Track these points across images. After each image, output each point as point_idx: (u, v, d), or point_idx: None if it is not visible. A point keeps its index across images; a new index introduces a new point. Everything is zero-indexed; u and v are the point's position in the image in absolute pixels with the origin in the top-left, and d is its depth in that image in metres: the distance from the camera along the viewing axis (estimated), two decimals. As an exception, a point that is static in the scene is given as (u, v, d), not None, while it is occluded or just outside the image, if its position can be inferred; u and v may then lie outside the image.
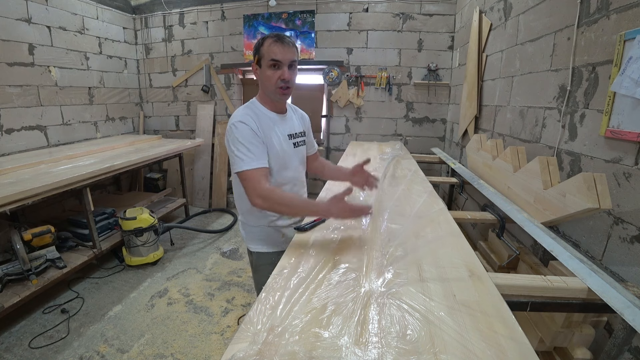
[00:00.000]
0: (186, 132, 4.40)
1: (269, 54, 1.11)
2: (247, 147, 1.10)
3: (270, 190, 1.08)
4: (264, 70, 1.15)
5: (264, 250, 1.31)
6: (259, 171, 1.10)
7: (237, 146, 1.11)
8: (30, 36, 2.96)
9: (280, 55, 1.11)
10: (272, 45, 1.11)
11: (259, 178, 1.09)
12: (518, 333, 0.69)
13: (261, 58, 1.14)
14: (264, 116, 1.20)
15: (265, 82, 1.16)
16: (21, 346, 1.90)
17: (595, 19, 1.38)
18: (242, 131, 1.12)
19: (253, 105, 1.23)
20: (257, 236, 1.32)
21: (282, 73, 1.13)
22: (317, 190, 3.87)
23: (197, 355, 1.85)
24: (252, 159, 1.10)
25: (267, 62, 1.13)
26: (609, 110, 1.26)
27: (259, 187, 1.07)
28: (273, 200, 1.07)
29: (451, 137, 3.53)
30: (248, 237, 1.34)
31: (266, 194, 1.07)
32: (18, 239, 2.07)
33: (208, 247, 3.17)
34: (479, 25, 2.63)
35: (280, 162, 1.21)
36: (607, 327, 1.22)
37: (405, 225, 1.25)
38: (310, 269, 0.93)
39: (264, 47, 1.13)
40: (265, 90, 1.20)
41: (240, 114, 1.16)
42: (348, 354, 0.63)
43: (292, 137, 1.28)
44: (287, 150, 1.24)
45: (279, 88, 1.15)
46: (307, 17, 3.73)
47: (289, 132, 1.27)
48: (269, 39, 1.13)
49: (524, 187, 1.58)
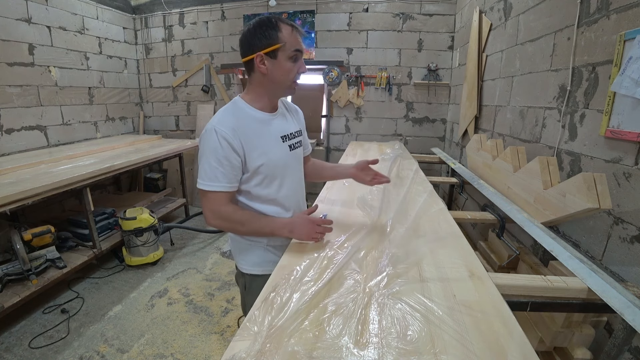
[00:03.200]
0: (186, 132, 4.40)
1: (292, 43, 0.95)
2: (214, 166, 0.96)
3: (230, 212, 1.01)
4: (280, 63, 0.96)
5: (259, 272, 1.14)
6: (222, 195, 0.99)
7: (205, 159, 0.98)
8: (30, 36, 2.96)
9: (302, 45, 0.98)
10: (294, 33, 0.96)
11: (220, 201, 1.00)
12: (518, 333, 0.69)
13: (279, 48, 0.94)
14: (250, 119, 1.02)
15: (281, 75, 0.98)
16: (21, 346, 1.90)
17: (595, 19, 1.38)
18: (215, 145, 0.96)
19: (236, 107, 1.04)
20: (251, 256, 1.15)
21: (301, 65, 1.00)
22: (317, 190, 3.88)
23: (197, 355, 1.85)
24: (216, 180, 0.97)
25: (289, 53, 0.96)
26: (609, 110, 1.26)
27: (220, 210, 1.00)
28: (234, 220, 1.02)
29: (451, 137, 3.53)
30: (240, 254, 1.17)
31: (227, 216, 1.01)
32: (18, 239, 2.07)
33: (208, 247, 3.17)
34: (479, 25, 2.63)
35: (273, 169, 1.05)
36: (607, 327, 1.22)
37: (406, 225, 1.25)
38: (310, 269, 0.93)
39: (283, 35, 0.94)
40: (273, 86, 1.02)
41: (220, 119, 0.99)
42: (348, 354, 0.63)
43: (287, 139, 1.10)
44: (282, 156, 1.07)
45: (294, 82, 1.02)
46: (307, 17, 3.73)
47: (283, 133, 1.09)
48: (284, 24, 0.95)
49: (524, 187, 1.58)
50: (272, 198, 1.10)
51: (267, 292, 0.82)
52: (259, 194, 1.08)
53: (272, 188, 1.09)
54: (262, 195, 1.08)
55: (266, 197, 1.09)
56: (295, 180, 1.17)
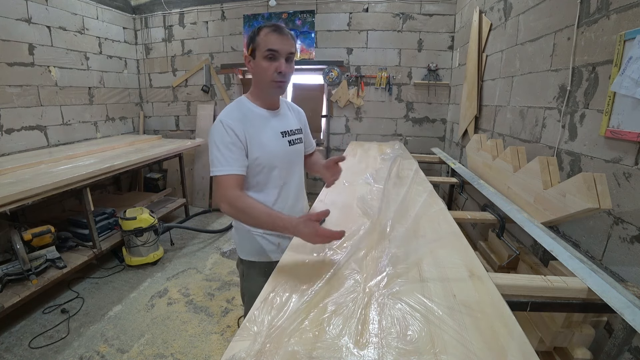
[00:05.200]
0: (186, 132, 4.40)
1: (266, 43, 1.03)
2: (223, 152, 1.04)
3: (237, 197, 1.02)
4: (258, 62, 1.06)
5: (256, 259, 1.24)
6: (231, 177, 1.04)
7: (214, 148, 1.06)
8: (30, 36, 2.96)
9: (277, 45, 1.03)
10: (269, 35, 1.03)
11: (229, 184, 1.03)
12: (518, 333, 0.69)
13: (256, 48, 1.05)
14: (253, 115, 1.13)
15: (260, 74, 1.07)
16: (21, 346, 1.90)
17: (595, 19, 1.38)
18: (221, 134, 1.05)
19: (240, 104, 1.15)
20: (249, 244, 1.24)
21: (278, 65, 1.04)
22: (317, 190, 3.88)
23: (197, 355, 1.85)
24: (227, 164, 1.04)
25: (263, 53, 1.03)
26: (609, 110, 1.26)
27: (227, 193, 1.02)
28: (237, 207, 1.01)
29: (451, 137, 3.53)
30: (241, 244, 1.27)
31: (232, 201, 1.01)
32: (18, 239, 2.07)
33: (208, 247, 3.17)
34: (479, 25, 2.63)
35: (272, 161, 1.14)
36: (607, 327, 1.22)
37: (406, 225, 1.25)
38: (310, 269, 0.93)
39: (259, 37, 1.03)
40: (259, 84, 1.12)
41: (226, 113, 1.10)
42: (348, 354, 0.63)
43: (287, 135, 1.19)
44: (280, 149, 1.16)
45: (274, 81, 1.07)
46: (307, 17, 3.73)
47: (283, 129, 1.19)
48: (265, 28, 1.04)
49: (524, 187, 1.58)
50: (272, 188, 1.18)
51: (267, 292, 0.82)
52: (259, 182, 1.16)
53: (272, 178, 1.17)
54: (262, 183, 1.16)
55: (266, 186, 1.17)
56: (295, 172, 1.25)
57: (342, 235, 0.90)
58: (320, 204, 1.49)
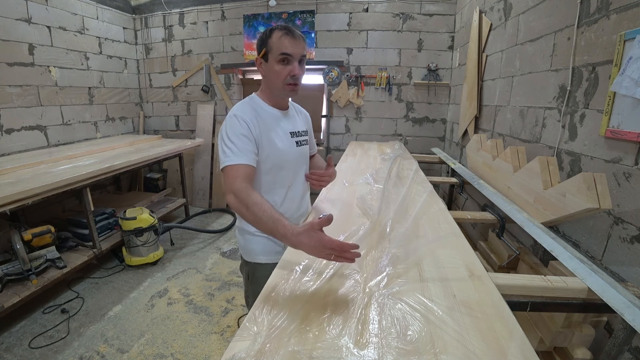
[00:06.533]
0: (186, 132, 4.40)
1: (279, 47, 1.03)
2: (235, 142, 1.03)
3: (243, 189, 0.95)
4: (271, 65, 1.07)
5: (263, 261, 1.22)
6: (240, 167, 1.01)
7: (225, 141, 1.05)
8: (30, 36, 2.96)
9: (291, 48, 1.03)
10: (282, 38, 1.03)
11: (238, 174, 0.99)
12: (518, 333, 0.69)
13: (269, 51, 1.05)
14: (265, 113, 1.15)
15: (273, 78, 1.08)
16: (21, 346, 1.90)
17: (595, 19, 1.38)
18: (234, 125, 1.06)
19: (252, 101, 1.16)
20: (255, 245, 1.22)
21: (292, 69, 1.06)
22: (317, 190, 3.87)
23: (197, 355, 1.85)
24: (236, 155, 1.02)
25: (276, 57, 1.04)
26: (609, 110, 1.26)
27: (234, 184, 0.97)
28: (242, 200, 0.93)
29: (451, 137, 3.53)
30: (246, 246, 1.24)
31: (238, 192, 0.95)
32: (18, 239, 2.07)
33: (208, 247, 3.17)
34: (479, 25, 2.63)
35: (281, 160, 1.16)
36: (607, 327, 1.22)
37: (406, 225, 1.25)
38: (310, 269, 0.93)
39: (272, 40, 1.04)
40: (271, 87, 1.13)
41: (239, 108, 1.11)
42: (348, 354, 0.63)
43: (295, 135, 1.22)
44: (289, 149, 1.18)
45: (288, 85, 1.08)
46: (307, 17, 3.73)
47: (292, 129, 1.21)
48: (277, 30, 1.04)
49: (524, 187, 1.58)
50: (279, 188, 1.19)
51: (267, 292, 0.82)
52: (267, 182, 1.17)
53: (280, 178, 1.18)
54: (270, 183, 1.17)
55: (274, 186, 1.18)
56: (301, 174, 1.27)
57: (354, 247, 0.76)
58: (320, 203, 1.49)
